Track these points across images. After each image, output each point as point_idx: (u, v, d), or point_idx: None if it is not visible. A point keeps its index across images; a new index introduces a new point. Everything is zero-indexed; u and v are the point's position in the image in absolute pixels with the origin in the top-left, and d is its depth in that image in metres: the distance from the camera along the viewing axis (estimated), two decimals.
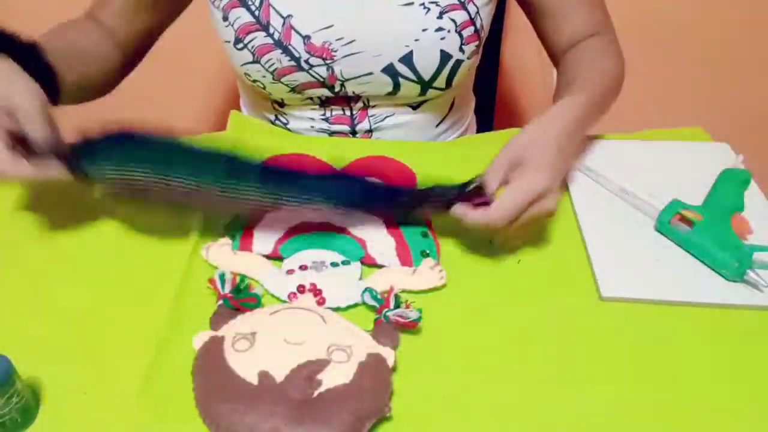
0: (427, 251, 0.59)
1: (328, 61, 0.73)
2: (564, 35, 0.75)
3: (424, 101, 0.80)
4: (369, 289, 0.54)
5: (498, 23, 1.27)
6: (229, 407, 0.44)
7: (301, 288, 0.55)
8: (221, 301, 0.53)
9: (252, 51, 0.73)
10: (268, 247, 0.59)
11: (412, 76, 0.74)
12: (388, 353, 0.49)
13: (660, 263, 0.59)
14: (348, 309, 0.54)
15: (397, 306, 0.52)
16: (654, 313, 0.54)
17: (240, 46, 0.73)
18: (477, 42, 0.75)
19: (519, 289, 0.57)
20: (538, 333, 0.53)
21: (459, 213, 0.57)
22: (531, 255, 0.60)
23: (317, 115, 0.80)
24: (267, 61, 0.73)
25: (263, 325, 0.50)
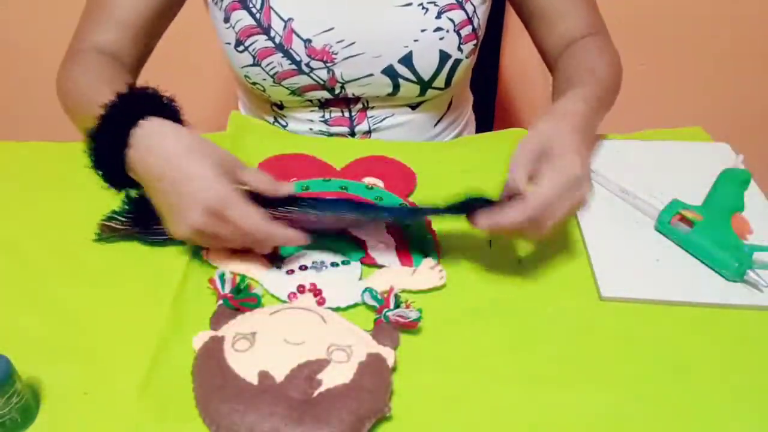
0: (428, 252, 0.59)
1: (328, 64, 0.73)
2: (557, 38, 0.75)
3: (422, 101, 0.80)
4: (369, 289, 0.54)
5: (498, 23, 1.27)
6: (229, 407, 0.44)
7: (301, 288, 0.55)
8: (221, 301, 0.53)
9: (253, 54, 0.73)
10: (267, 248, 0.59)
11: (411, 76, 0.74)
12: (388, 353, 0.49)
13: (660, 263, 0.59)
14: (348, 309, 0.54)
15: (397, 306, 0.52)
16: (654, 313, 0.54)
17: (241, 48, 0.73)
18: (475, 41, 0.75)
19: (519, 289, 0.57)
20: (538, 333, 0.53)
21: (488, 223, 0.52)
22: (531, 255, 0.60)
23: (316, 117, 0.80)
24: (268, 65, 0.73)
25: (263, 325, 0.50)
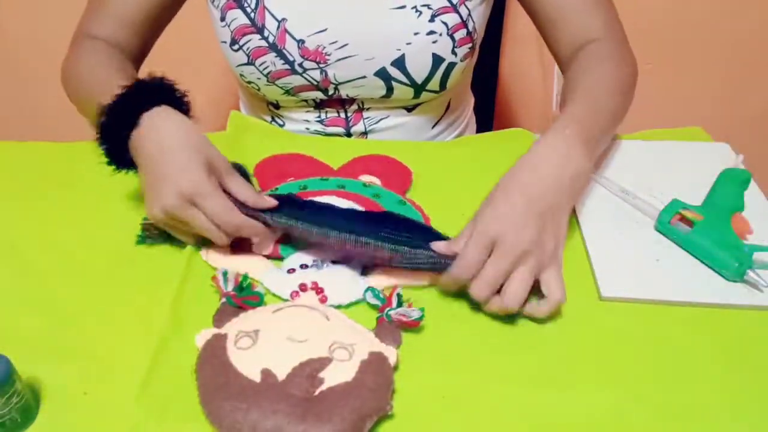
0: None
1: (321, 65, 0.73)
2: (567, 42, 0.73)
3: (418, 104, 0.80)
4: (371, 288, 0.54)
5: (498, 25, 1.27)
6: (232, 405, 0.44)
7: (303, 286, 0.55)
8: (224, 299, 0.53)
9: (247, 53, 0.73)
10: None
11: (404, 79, 0.74)
12: (390, 352, 0.49)
13: (660, 263, 0.59)
14: (350, 306, 0.54)
15: (400, 305, 0.53)
16: (654, 313, 0.54)
17: (236, 47, 0.73)
18: (470, 44, 0.74)
19: None
20: (538, 333, 0.53)
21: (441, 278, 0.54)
22: None
23: (312, 117, 0.80)
24: (261, 64, 0.73)
25: (266, 323, 0.50)
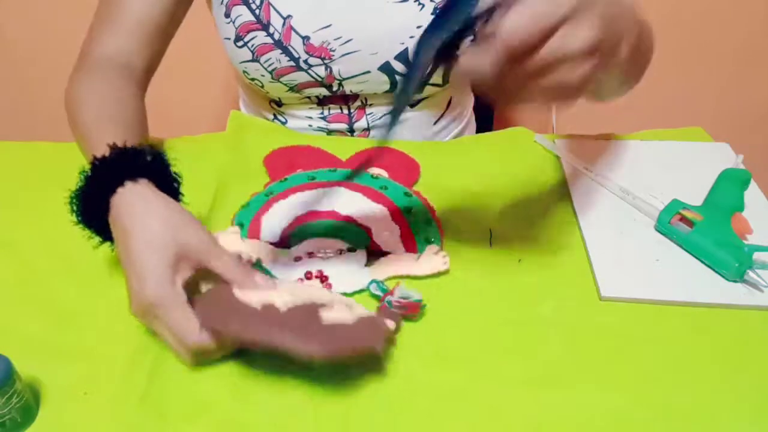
0: (432, 238, 0.60)
1: (326, 61, 0.73)
2: None
3: (421, 99, 0.80)
4: (375, 280, 0.55)
5: None
6: (224, 315, 0.46)
7: (309, 274, 0.56)
8: None
9: (252, 50, 0.73)
10: (275, 235, 0.60)
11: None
12: (389, 322, 0.50)
13: (660, 263, 0.59)
14: (354, 294, 0.55)
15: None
16: (654, 313, 0.54)
17: (240, 44, 0.73)
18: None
19: (519, 289, 0.57)
20: (537, 333, 0.53)
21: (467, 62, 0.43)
22: (531, 255, 0.60)
23: (315, 114, 0.80)
24: (266, 61, 0.73)
25: (271, 290, 0.50)
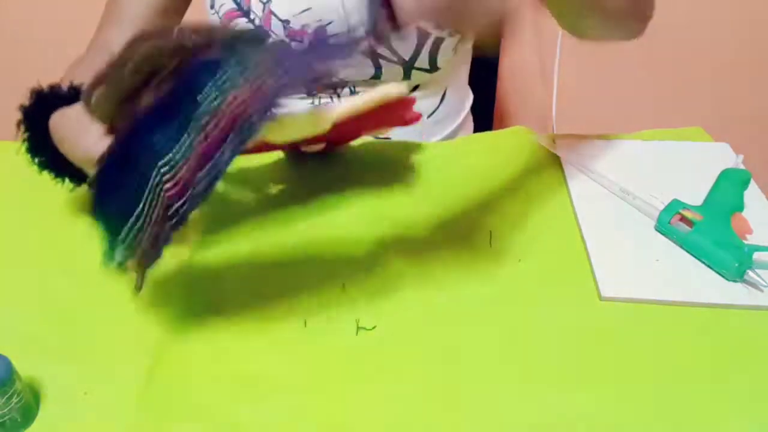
0: None
1: None
2: None
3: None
4: None
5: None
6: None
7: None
8: None
9: None
10: None
11: (391, 56, 0.74)
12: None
13: (660, 263, 0.59)
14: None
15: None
16: (654, 313, 0.54)
17: None
18: None
19: (519, 289, 0.57)
20: (538, 333, 0.53)
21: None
22: (531, 255, 0.60)
23: (305, 104, 0.80)
24: None
25: None
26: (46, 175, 0.70)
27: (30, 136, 0.58)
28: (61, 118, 0.55)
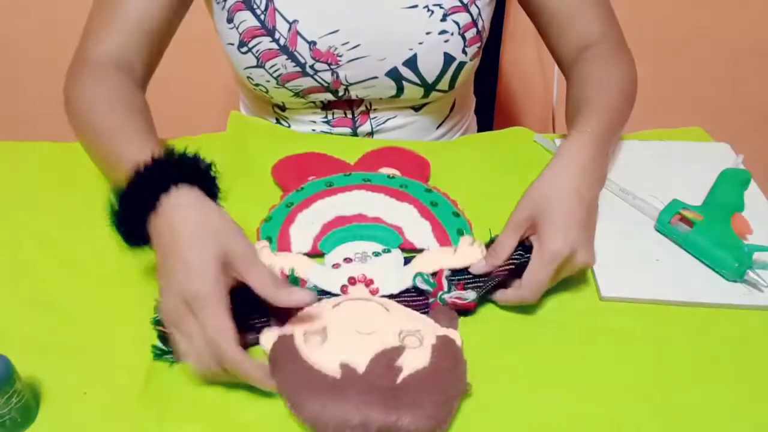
0: (462, 230, 0.60)
1: (333, 66, 0.73)
2: (569, 44, 0.73)
3: (426, 103, 0.80)
4: (420, 274, 0.54)
5: (498, 24, 1.27)
6: (320, 401, 0.44)
7: (352, 280, 0.55)
8: None
9: (257, 56, 0.72)
10: (307, 245, 0.59)
11: (415, 79, 0.74)
12: (454, 334, 0.50)
13: (660, 263, 0.59)
14: (401, 296, 0.54)
15: (450, 288, 0.54)
16: (654, 313, 0.54)
17: (244, 50, 0.72)
18: (479, 43, 0.75)
19: None
20: (538, 333, 0.53)
21: (498, 297, 0.55)
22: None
23: (319, 119, 0.80)
24: (271, 67, 0.72)
25: (330, 319, 0.50)
26: (46, 175, 0.70)
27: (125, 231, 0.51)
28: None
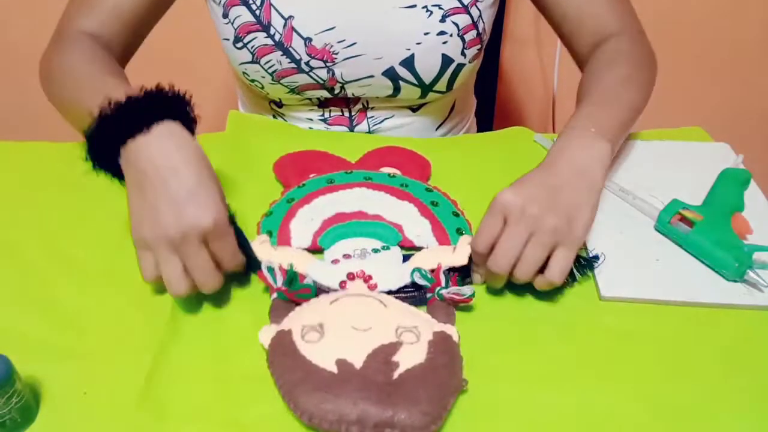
0: (462, 229, 0.61)
1: (328, 64, 0.73)
2: (583, 39, 0.72)
3: (424, 104, 0.80)
4: (418, 269, 0.55)
5: (498, 25, 1.27)
6: (317, 397, 0.44)
7: (351, 275, 0.55)
8: (275, 295, 0.54)
9: (252, 51, 0.72)
10: (306, 241, 0.60)
11: (412, 79, 0.74)
12: (451, 330, 0.50)
13: (660, 263, 0.59)
14: (399, 292, 0.55)
15: (448, 283, 0.54)
16: (654, 313, 0.54)
17: (239, 45, 0.72)
18: (479, 46, 0.74)
19: (519, 289, 0.56)
20: (537, 333, 0.53)
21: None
22: None
23: (315, 116, 0.80)
24: (266, 62, 0.73)
25: (327, 315, 0.51)
26: (46, 175, 0.70)
27: (98, 162, 0.54)
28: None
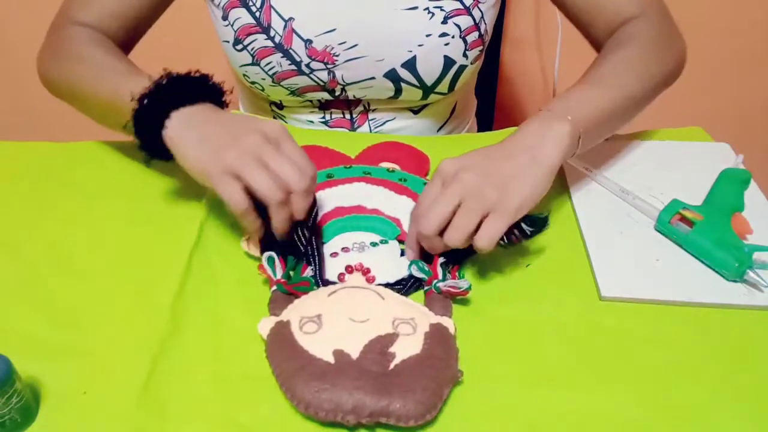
0: None
1: (329, 66, 0.72)
2: (601, 24, 0.71)
3: (425, 105, 0.80)
4: (415, 262, 0.55)
5: (498, 26, 1.27)
6: (314, 386, 0.45)
7: (349, 268, 0.57)
8: (275, 287, 0.54)
9: (252, 53, 0.72)
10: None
11: (414, 81, 0.74)
12: (447, 322, 0.51)
13: (660, 263, 0.59)
14: (396, 286, 0.55)
15: (445, 276, 0.54)
16: (654, 313, 0.54)
17: (239, 47, 0.72)
18: (481, 47, 0.74)
19: (519, 289, 0.57)
20: (538, 333, 0.53)
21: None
22: (531, 255, 0.60)
23: (316, 118, 0.80)
24: (267, 64, 0.72)
25: (326, 307, 0.51)
26: (46, 175, 0.70)
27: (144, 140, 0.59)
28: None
